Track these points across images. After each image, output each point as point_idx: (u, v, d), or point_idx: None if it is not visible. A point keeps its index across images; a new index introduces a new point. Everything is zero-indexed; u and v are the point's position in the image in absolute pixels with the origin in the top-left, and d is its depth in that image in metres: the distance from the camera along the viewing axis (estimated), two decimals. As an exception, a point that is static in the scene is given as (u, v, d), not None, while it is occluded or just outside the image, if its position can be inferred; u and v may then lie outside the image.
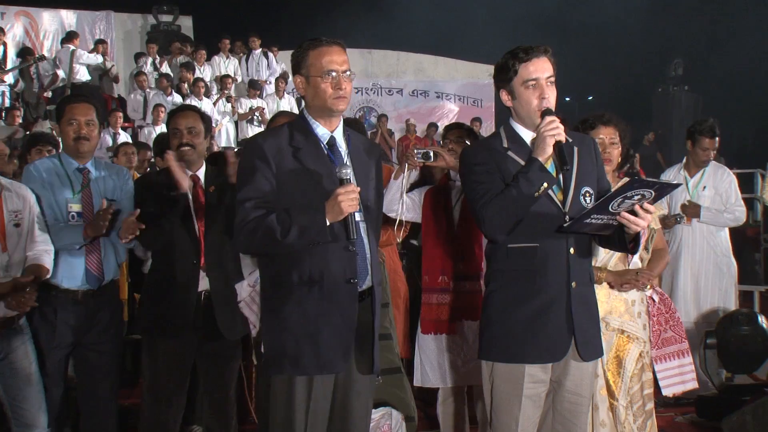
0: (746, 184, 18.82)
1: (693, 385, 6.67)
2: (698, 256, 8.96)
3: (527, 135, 4.67)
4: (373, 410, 6.67)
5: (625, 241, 4.63)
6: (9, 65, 18.60)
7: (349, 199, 4.40)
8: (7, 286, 5.45)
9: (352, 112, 22.74)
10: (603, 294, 5.54)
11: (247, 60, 20.82)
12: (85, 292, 5.88)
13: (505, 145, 4.71)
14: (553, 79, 4.67)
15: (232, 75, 19.97)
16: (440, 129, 20.85)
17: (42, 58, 20.16)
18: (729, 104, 25.59)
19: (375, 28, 24.25)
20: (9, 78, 18.31)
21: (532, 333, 4.64)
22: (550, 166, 4.51)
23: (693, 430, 7.98)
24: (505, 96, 4.75)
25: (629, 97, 26.16)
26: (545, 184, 4.46)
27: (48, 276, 5.78)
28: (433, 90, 23.58)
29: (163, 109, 16.95)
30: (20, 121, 16.36)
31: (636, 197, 4.34)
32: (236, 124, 18.39)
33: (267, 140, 4.68)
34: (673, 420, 8.24)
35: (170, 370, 5.99)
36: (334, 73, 4.62)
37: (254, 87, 19.44)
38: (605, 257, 5.61)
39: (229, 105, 18.65)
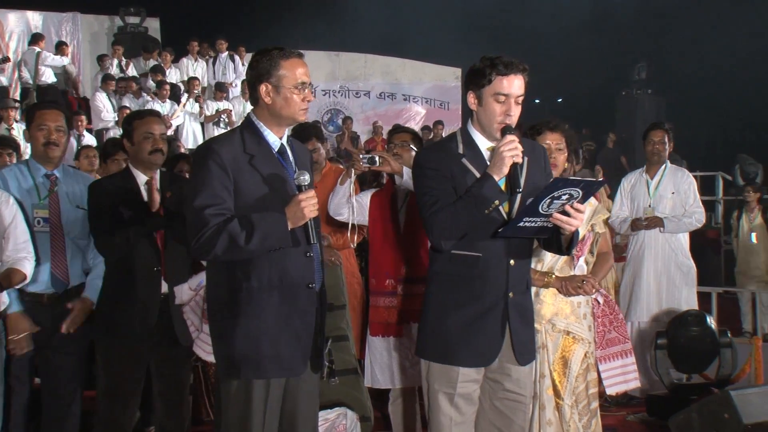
0: (708, 187, 19.08)
1: (635, 384, 6.76)
2: (660, 257, 9.07)
3: (483, 143, 4.75)
4: (329, 410, 6.92)
5: (561, 243, 4.72)
6: None
7: (310, 205, 4.48)
8: None
9: (320, 115, 22.80)
10: (549, 296, 5.67)
11: (214, 62, 20.83)
12: (51, 296, 5.91)
13: (460, 150, 4.78)
14: (521, 99, 4.74)
15: (199, 77, 20.00)
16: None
17: (5, 59, 20.21)
18: (692, 108, 25.78)
19: (342, 31, 24.31)
20: None
21: (467, 337, 4.75)
22: (501, 180, 4.58)
23: (643, 429, 8.08)
24: (472, 99, 4.82)
25: (594, 101, 26.35)
26: (497, 202, 4.55)
27: (26, 282, 5.77)
28: (400, 93, 23.61)
29: (128, 111, 16.80)
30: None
31: (564, 197, 4.41)
32: (202, 126, 18.38)
33: (223, 147, 4.67)
34: (625, 419, 8.38)
35: (126, 373, 5.98)
36: (305, 85, 4.70)
37: (221, 89, 19.42)
38: (551, 261, 5.67)
39: (197, 106, 18.61)
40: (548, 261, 5.66)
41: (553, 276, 5.65)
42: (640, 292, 9.10)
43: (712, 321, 8.61)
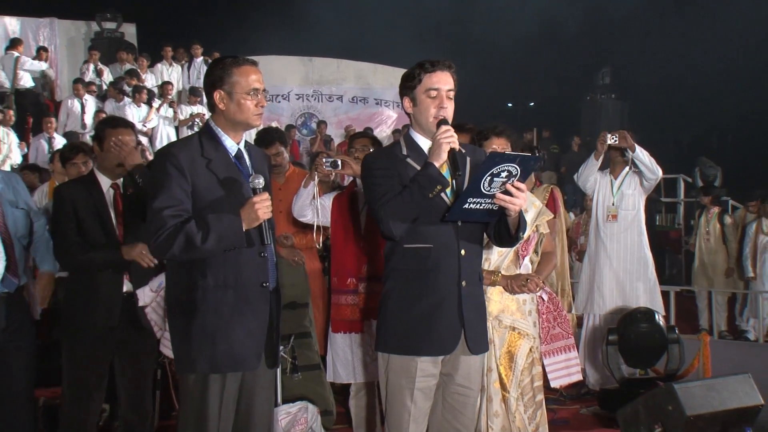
0: (670, 189, 19.29)
1: (578, 377, 6.82)
2: (618, 252, 9.19)
3: (425, 143, 4.84)
4: (291, 404, 7.12)
5: (509, 227, 4.75)
6: None
7: (264, 207, 4.57)
8: None
9: (293, 119, 22.80)
10: (496, 293, 5.75)
11: (188, 67, 20.77)
12: (2, 295, 5.93)
13: (404, 152, 4.88)
14: (452, 93, 4.85)
15: (174, 82, 19.92)
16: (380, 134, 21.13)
17: None
18: (654, 112, 25.93)
19: (315, 36, 24.26)
20: None
21: (426, 328, 4.78)
22: (445, 172, 4.67)
23: (595, 421, 8.22)
24: (407, 103, 4.93)
25: (560, 105, 26.48)
26: (439, 187, 4.62)
27: None
28: (372, 97, 23.55)
29: (104, 115, 16.80)
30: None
31: (503, 173, 4.46)
32: (176, 129, 18.30)
33: (181, 151, 4.73)
34: (578, 412, 8.53)
35: (90, 369, 6.03)
36: (257, 91, 4.78)
37: (194, 94, 19.25)
38: (498, 260, 5.77)
39: (171, 110, 18.59)
40: (495, 260, 5.75)
41: (500, 275, 5.71)
42: (600, 286, 9.22)
43: (660, 318, 8.71)
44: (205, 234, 4.51)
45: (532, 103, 31.86)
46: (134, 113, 17.64)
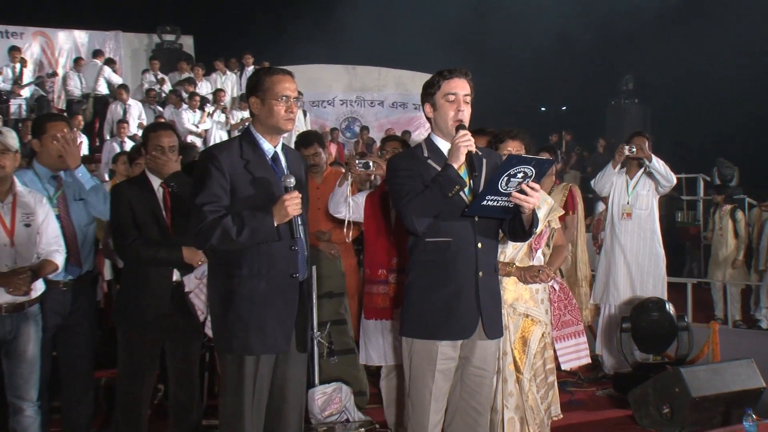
0: (691, 188, 19.15)
1: (587, 360, 6.83)
2: (634, 249, 9.15)
3: (444, 146, 4.89)
4: (327, 385, 7.19)
5: (523, 223, 4.81)
6: (25, 81, 18.58)
7: (293, 204, 4.62)
8: (7, 274, 5.53)
9: (338, 123, 22.78)
10: (511, 283, 5.78)
11: (240, 76, 20.70)
12: (66, 282, 6.02)
13: (426, 154, 4.93)
14: (469, 98, 4.90)
15: (227, 89, 19.97)
16: (410, 137, 21.05)
17: (54, 74, 20.32)
18: (674, 116, 25.62)
19: (358, 46, 24.20)
20: (25, 92, 18.37)
21: (446, 314, 4.83)
22: (463, 172, 4.72)
23: (609, 402, 8.24)
24: (428, 108, 4.99)
25: (587, 109, 26.35)
26: (457, 187, 4.66)
27: (58, 272, 5.86)
28: (411, 102, 23.40)
29: (163, 120, 17.00)
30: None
31: (519, 174, 4.52)
32: (228, 133, 18.34)
33: (222, 152, 4.82)
34: (594, 394, 8.53)
35: (142, 353, 6.09)
36: (287, 98, 4.84)
37: (245, 100, 19.29)
38: (513, 252, 5.79)
39: (223, 116, 18.65)
40: (510, 253, 5.78)
41: (514, 266, 5.76)
42: (615, 278, 9.20)
43: (670, 307, 8.68)
44: (240, 228, 4.60)
45: (564, 107, 31.75)
46: (190, 117, 17.92)
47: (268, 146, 4.91)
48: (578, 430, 7.48)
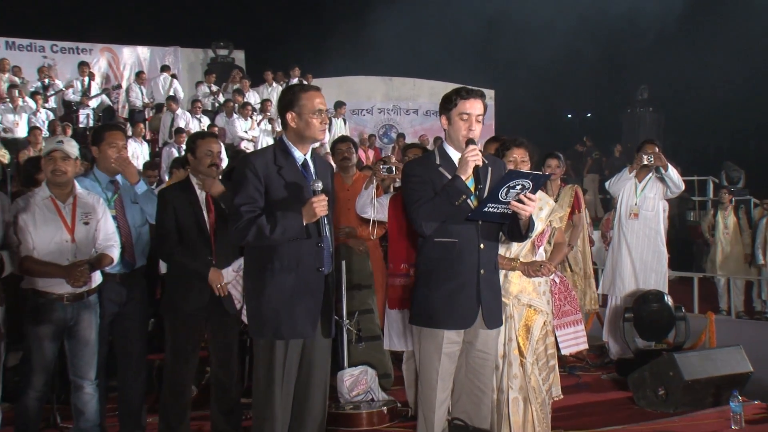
0: (701, 189, 19.13)
1: (584, 346, 6.92)
2: (639, 246, 9.16)
3: (455, 155, 5.02)
4: (354, 368, 7.29)
5: (520, 228, 4.95)
6: (93, 93, 18.74)
7: (321, 206, 4.76)
8: (68, 266, 5.69)
9: (376, 129, 22.86)
10: (516, 277, 5.83)
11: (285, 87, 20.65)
12: (122, 275, 6.17)
13: (438, 162, 5.07)
14: (481, 117, 5.02)
15: (273, 100, 19.61)
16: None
17: (118, 86, 20.57)
18: (687, 122, 25.52)
19: (395, 59, 24.25)
20: (93, 103, 18.49)
21: (449, 306, 4.98)
22: (470, 181, 4.87)
23: (612, 385, 8.30)
24: (444, 120, 5.10)
25: (605, 117, 26.32)
26: (464, 196, 4.82)
27: (113, 264, 6.01)
28: None
29: (215, 128, 17.35)
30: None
31: (518, 186, 4.68)
32: (275, 140, 17.34)
33: (258, 159, 4.97)
34: (600, 377, 8.60)
35: (186, 338, 6.23)
36: (320, 111, 4.98)
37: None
38: (517, 249, 5.83)
39: (270, 125, 18.72)
40: (515, 250, 5.83)
41: (519, 261, 5.81)
42: (621, 273, 9.22)
43: (669, 299, 8.73)
44: (273, 226, 4.74)
45: (588, 114, 31.68)
46: (241, 125, 18.05)
47: (299, 154, 5.03)
48: (581, 409, 7.53)
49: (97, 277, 5.97)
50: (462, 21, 24.30)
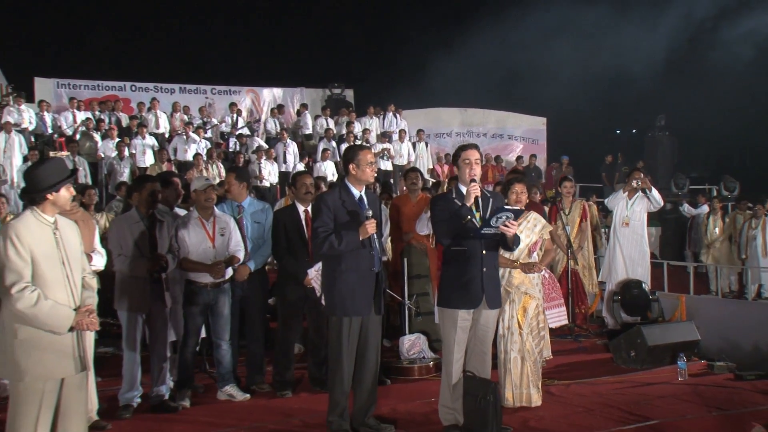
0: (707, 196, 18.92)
1: (565, 321, 7.40)
2: (628, 246, 9.35)
3: (463, 189, 5.47)
4: (412, 335, 7.68)
5: (507, 242, 5.40)
6: (239, 125, 19.08)
7: (371, 227, 5.31)
8: (210, 265, 6.32)
9: (453, 149, 22.44)
10: (516, 273, 6.31)
11: (383, 118, 20.62)
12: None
13: (454, 196, 5.53)
14: (479, 161, 5.49)
15: (372, 129, 19.95)
16: (503, 160, 20.70)
17: (258, 120, 20.93)
18: (696, 143, 25.18)
19: (468, 93, 23.98)
20: (244, 130, 18.88)
21: (463, 293, 5.38)
22: (473, 208, 5.36)
23: (603, 349, 8.43)
24: (456, 167, 5.59)
25: (631, 139, 26.15)
26: (469, 217, 5.30)
27: (239, 263, 6.54)
28: (506, 134, 23.32)
29: (329, 152, 17.61)
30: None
31: (503, 217, 5.15)
32: (340, 179, 17.85)
33: (329, 196, 5.51)
34: (596, 343, 8.77)
35: (292, 313, 6.84)
36: (372, 164, 5.53)
37: (385, 135, 19.66)
38: (518, 254, 6.29)
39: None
40: (516, 254, 6.27)
41: (518, 262, 6.30)
42: (614, 266, 9.41)
43: (646, 286, 8.96)
44: (340, 241, 5.30)
45: (634, 130, 31.19)
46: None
47: (356, 191, 5.53)
48: (575, 366, 7.77)
49: (229, 272, 6.56)
50: (516, 62, 24.15)
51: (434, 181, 15.56)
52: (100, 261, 6.12)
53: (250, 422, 5.98)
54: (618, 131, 30.84)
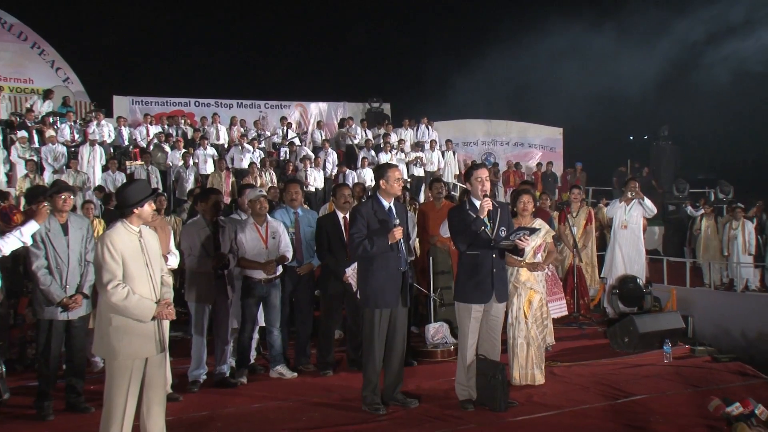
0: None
1: (565, 313, 7.55)
2: (626, 246, 9.47)
3: (477, 203, 5.68)
4: (436, 323, 7.79)
5: (518, 251, 5.70)
6: (289, 137, 19.20)
7: (399, 233, 5.53)
8: (264, 263, 6.56)
9: (479, 157, 22.30)
10: (524, 271, 6.49)
11: (416, 129, 20.62)
12: (293, 268, 6.97)
13: (468, 208, 5.73)
14: (488, 177, 5.69)
15: (407, 139, 19.93)
16: (523, 167, 20.69)
17: (305, 132, 20.92)
18: (696, 152, 25.01)
19: (493, 106, 23.98)
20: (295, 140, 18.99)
21: (476, 290, 5.63)
22: (486, 220, 5.60)
23: (603, 335, 8.45)
24: (468, 183, 5.78)
25: (638, 149, 25.99)
26: (483, 227, 5.53)
27: (288, 260, 6.77)
28: (527, 143, 23.20)
29: (367, 160, 17.70)
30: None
31: (520, 234, 5.43)
32: (407, 165, 18.32)
33: (363, 207, 5.70)
34: (597, 330, 8.88)
35: (332, 305, 7.02)
36: (399, 179, 5.73)
37: (417, 145, 19.63)
38: (525, 256, 6.43)
39: (403, 154, 18.64)
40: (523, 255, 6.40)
41: (525, 261, 6.46)
42: (614, 263, 9.52)
43: (641, 280, 9.00)
44: (372, 245, 5.52)
45: (646, 136, 30.84)
46: (385, 158, 17.89)
47: (386, 203, 5.73)
48: (576, 350, 7.90)
49: (279, 269, 6.83)
50: (535, 79, 24.03)
51: (463, 186, 15.64)
52: (174, 261, 6.49)
53: (297, 396, 6.22)
54: (631, 137, 30.51)
